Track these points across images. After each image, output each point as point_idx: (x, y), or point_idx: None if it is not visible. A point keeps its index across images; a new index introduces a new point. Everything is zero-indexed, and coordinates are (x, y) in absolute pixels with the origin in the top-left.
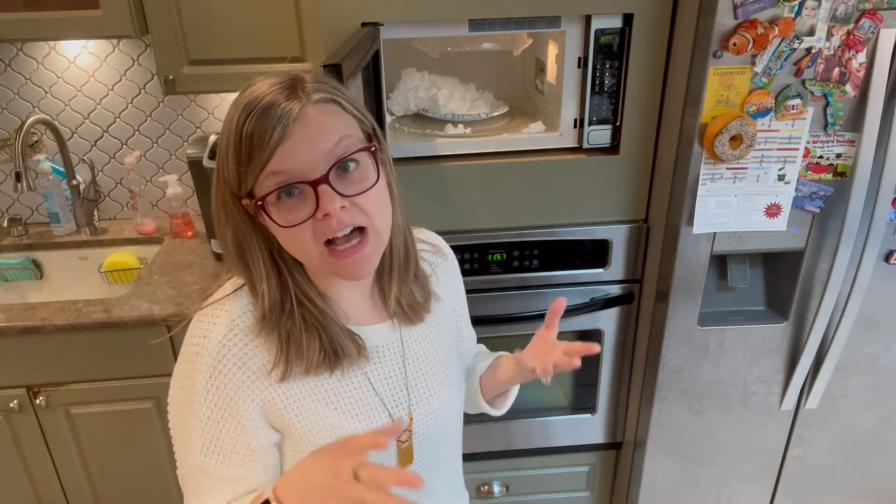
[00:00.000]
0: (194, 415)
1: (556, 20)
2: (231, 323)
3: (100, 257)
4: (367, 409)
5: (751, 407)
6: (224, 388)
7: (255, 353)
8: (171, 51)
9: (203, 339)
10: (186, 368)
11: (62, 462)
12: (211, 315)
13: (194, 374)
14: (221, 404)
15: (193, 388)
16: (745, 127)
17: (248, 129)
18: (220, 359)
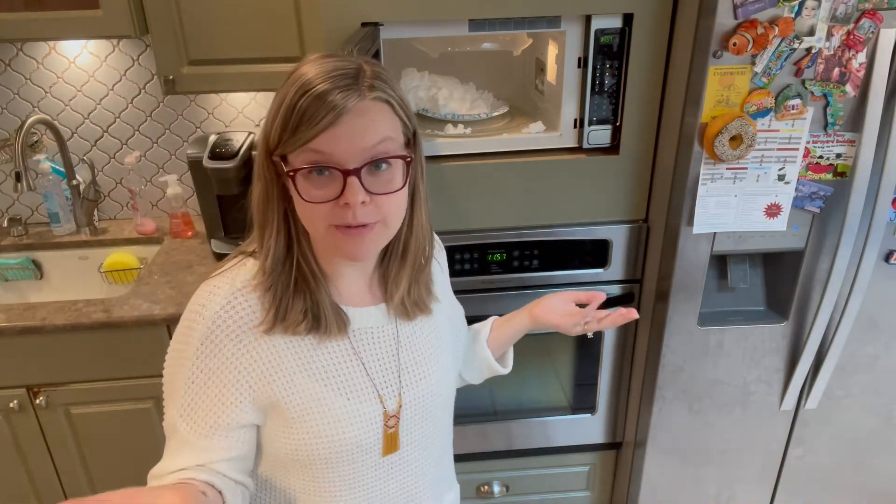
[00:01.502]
0: (181, 376)
1: (556, 20)
2: (230, 294)
3: (100, 257)
4: (357, 388)
5: (751, 407)
6: (213, 358)
7: (251, 317)
8: (171, 51)
9: (202, 307)
10: (183, 332)
11: (62, 462)
12: (213, 285)
13: (188, 339)
14: (207, 372)
15: (185, 352)
16: (745, 127)
17: (302, 105)
18: (214, 329)
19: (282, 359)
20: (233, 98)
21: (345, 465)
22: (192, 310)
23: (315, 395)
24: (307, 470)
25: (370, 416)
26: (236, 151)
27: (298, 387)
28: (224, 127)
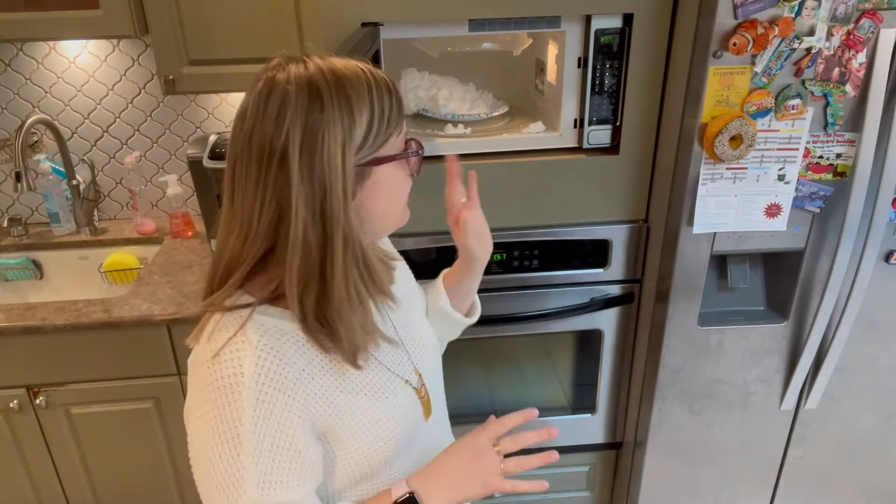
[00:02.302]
0: (243, 454)
1: (556, 20)
2: (257, 350)
3: (100, 257)
4: (388, 387)
5: (751, 407)
6: (271, 416)
7: (287, 360)
8: (171, 51)
9: (235, 377)
10: (221, 413)
11: (62, 462)
12: (230, 354)
13: (236, 414)
14: (271, 433)
15: (238, 429)
16: (745, 127)
17: (396, 97)
18: (261, 388)
19: (323, 385)
20: (233, 98)
21: (407, 450)
22: (223, 385)
23: (358, 408)
24: (377, 474)
25: (407, 402)
26: None
27: (343, 406)
28: (224, 127)
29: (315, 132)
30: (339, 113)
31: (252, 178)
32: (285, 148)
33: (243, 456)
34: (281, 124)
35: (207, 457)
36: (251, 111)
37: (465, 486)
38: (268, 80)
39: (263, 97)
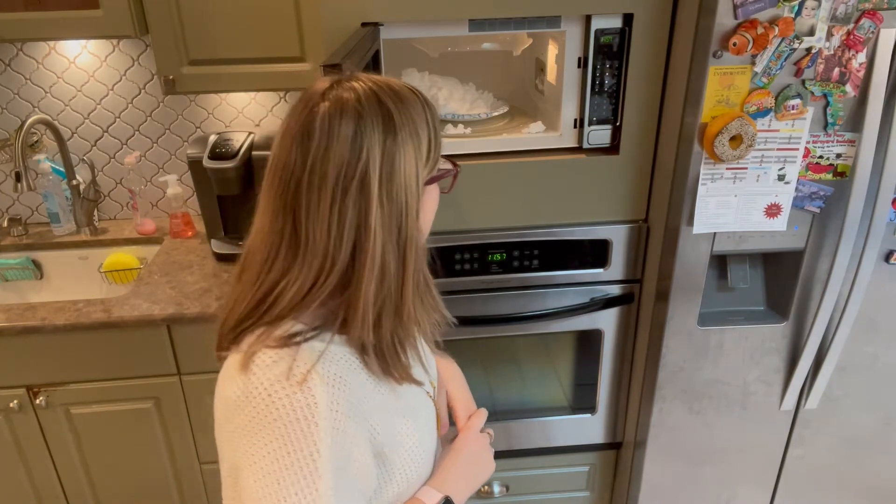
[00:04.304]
0: (322, 486)
1: (556, 20)
2: (325, 378)
3: (100, 257)
4: (421, 405)
5: (751, 407)
6: (344, 445)
7: (352, 385)
8: (171, 51)
9: (309, 407)
10: (297, 445)
11: (62, 462)
12: (299, 385)
13: (314, 446)
14: (345, 462)
15: (316, 461)
16: (745, 127)
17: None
18: (335, 416)
19: (378, 410)
20: (233, 98)
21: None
22: (295, 417)
23: (403, 430)
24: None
25: (429, 416)
26: (236, 151)
27: (392, 430)
28: (224, 127)
29: (392, 153)
30: (409, 132)
31: (326, 203)
32: (365, 171)
33: (322, 488)
34: (358, 147)
35: (278, 494)
36: (320, 133)
37: (481, 477)
38: (335, 101)
39: (335, 118)
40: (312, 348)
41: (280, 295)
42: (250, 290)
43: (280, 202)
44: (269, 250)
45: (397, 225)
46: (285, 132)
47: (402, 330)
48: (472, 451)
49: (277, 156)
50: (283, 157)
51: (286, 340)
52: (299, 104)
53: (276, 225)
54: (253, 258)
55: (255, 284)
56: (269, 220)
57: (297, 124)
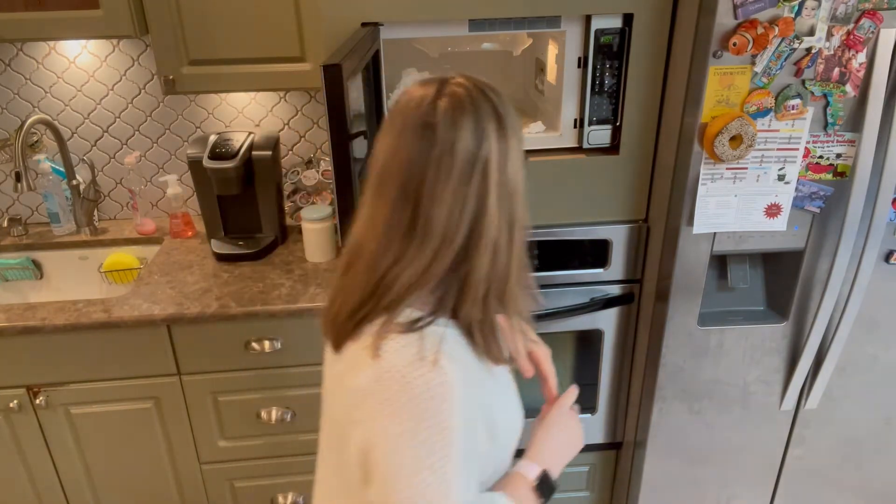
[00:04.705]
0: (454, 458)
1: (556, 20)
2: (451, 358)
3: (100, 257)
4: (510, 384)
5: (751, 407)
6: (468, 421)
7: (468, 369)
8: (171, 51)
9: (443, 385)
10: (435, 422)
11: (62, 462)
12: (433, 365)
13: (449, 421)
14: (470, 436)
15: (451, 435)
16: (745, 127)
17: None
18: (462, 394)
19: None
20: (233, 98)
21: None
22: (432, 395)
23: (500, 408)
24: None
25: (516, 395)
26: (236, 151)
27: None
28: (224, 127)
29: (504, 142)
30: (511, 123)
31: (450, 190)
32: (486, 159)
33: (453, 462)
34: (479, 137)
35: (413, 468)
36: (444, 126)
37: (573, 451)
38: (453, 97)
39: (458, 112)
40: (434, 332)
41: (396, 278)
42: (363, 279)
43: (401, 192)
44: (384, 239)
45: (508, 208)
46: (403, 129)
47: (502, 309)
48: (565, 426)
49: (397, 151)
50: (405, 151)
51: (409, 326)
52: (410, 103)
53: (395, 214)
54: (363, 249)
55: (369, 272)
56: (387, 211)
57: (418, 120)
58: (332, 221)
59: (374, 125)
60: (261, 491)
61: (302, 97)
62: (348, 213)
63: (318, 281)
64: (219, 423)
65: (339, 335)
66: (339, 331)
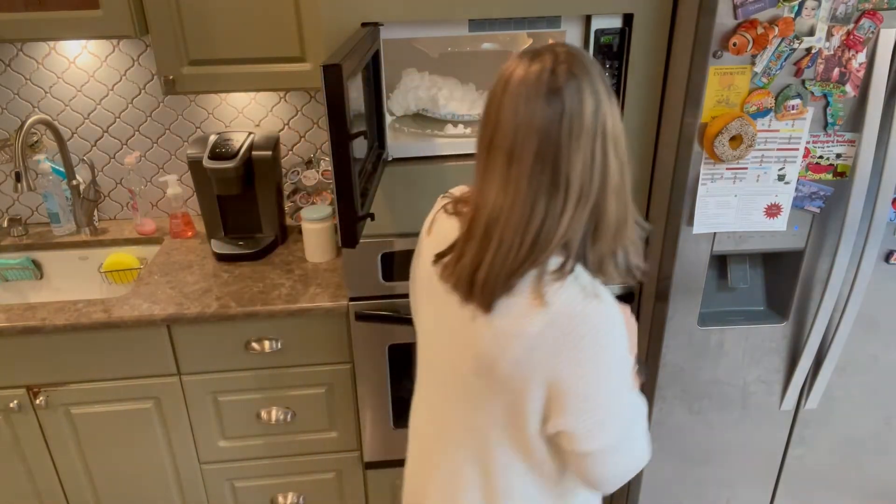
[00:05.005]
0: (629, 372)
1: (556, 20)
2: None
3: (100, 257)
4: None
5: (751, 407)
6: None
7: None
8: (171, 51)
9: (609, 314)
10: (613, 347)
11: (62, 462)
12: (603, 301)
13: (622, 342)
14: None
15: (625, 355)
16: (745, 127)
17: None
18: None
19: None
20: (233, 98)
21: None
22: (605, 323)
23: None
24: None
25: None
26: (236, 151)
27: None
28: (224, 127)
29: (612, 100)
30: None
31: (582, 148)
32: (605, 116)
33: (624, 369)
34: (597, 99)
35: (615, 387)
36: (569, 92)
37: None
38: (569, 64)
39: (578, 79)
40: (581, 272)
41: (551, 234)
42: (516, 241)
43: (537, 157)
44: (528, 201)
45: (622, 158)
46: (529, 98)
47: (621, 243)
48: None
49: (530, 120)
50: (538, 119)
51: (562, 272)
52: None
53: (535, 177)
54: (503, 214)
55: (520, 234)
56: (525, 176)
57: (544, 88)
58: (332, 221)
59: (374, 125)
60: (261, 491)
61: (302, 97)
62: (348, 213)
63: (318, 281)
64: (219, 423)
65: (490, 295)
66: (491, 291)
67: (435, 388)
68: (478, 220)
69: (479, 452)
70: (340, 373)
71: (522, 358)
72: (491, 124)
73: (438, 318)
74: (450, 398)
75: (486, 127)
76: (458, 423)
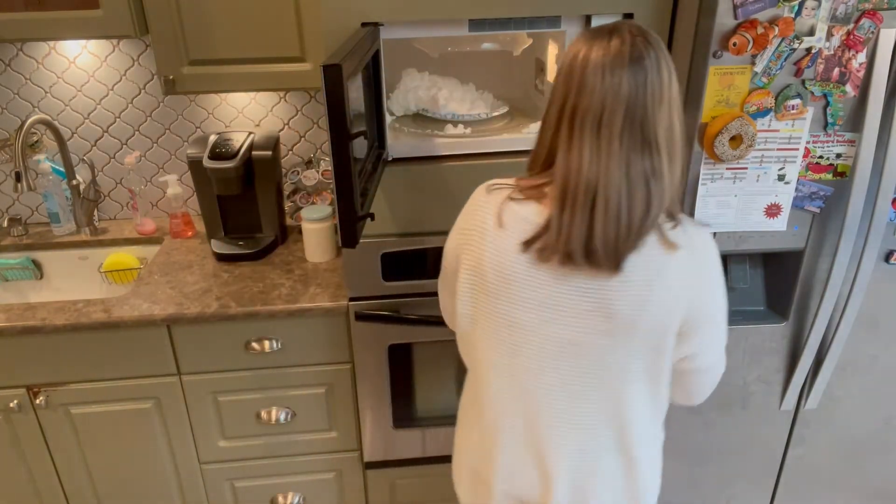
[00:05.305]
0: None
1: (556, 20)
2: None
3: (100, 257)
4: None
5: (751, 407)
6: None
7: None
8: (171, 51)
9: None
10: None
11: (62, 462)
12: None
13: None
14: None
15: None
16: (745, 127)
17: None
18: None
19: None
20: (233, 98)
21: None
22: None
23: None
24: None
25: None
26: (236, 151)
27: None
28: (224, 127)
29: (672, 65)
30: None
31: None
32: (675, 85)
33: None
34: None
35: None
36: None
37: None
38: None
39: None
40: (681, 216)
41: (660, 193)
42: (623, 205)
43: (627, 123)
44: (622, 167)
45: (681, 119)
46: (614, 69)
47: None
48: None
49: (618, 89)
50: (626, 87)
51: (674, 219)
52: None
53: (625, 143)
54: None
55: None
56: (616, 142)
57: (628, 59)
58: (332, 221)
59: (374, 125)
60: (261, 491)
61: (302, 97)
62: (348, 213)
63: (318, 281)
64: (219, 423)
65: (619, 257)
66: (617, 252)
67: (548, 371)
68: (572, 190)
69: (614, 410)
70: (340, 373)
71: (666, 299)
72: (573, 97)
73: (548, 301)
74: (578, 370)
75: (565, 101)
76: (591, 391)
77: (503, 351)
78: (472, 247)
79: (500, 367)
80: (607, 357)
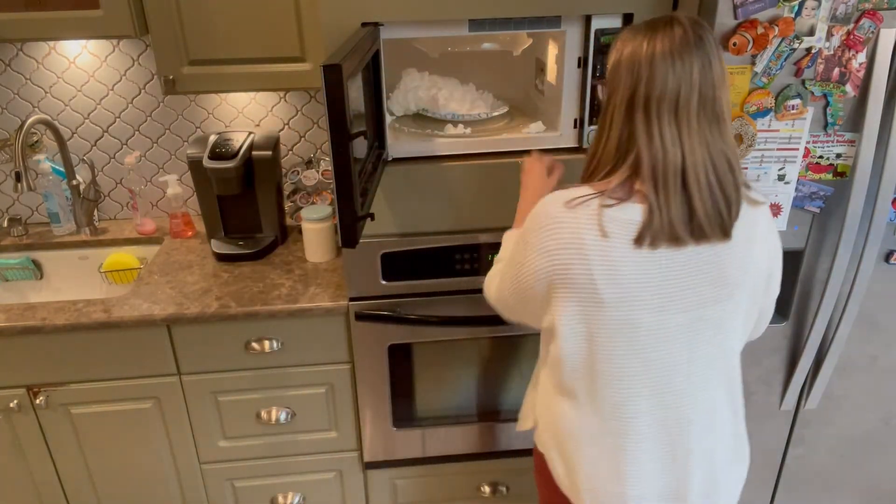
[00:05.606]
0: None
1: (556, 20)
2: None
3: (100, 257)
4: None
5: (751, 407)
6: None
7: None
8: (171, 51)
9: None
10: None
11: (62, 462)
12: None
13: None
14: None
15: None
16: (745, 127)
17: None
18: None
19: None
20: (233, 98)
21: None
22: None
23: None
24: None
25: None
26: (236, 151)
27: None
28: (224, 127)
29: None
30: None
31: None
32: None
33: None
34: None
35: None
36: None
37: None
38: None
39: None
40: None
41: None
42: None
43: (700, 103)
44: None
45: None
46: (682, 52)
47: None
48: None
49: (687, 73)
50: (696, 71)
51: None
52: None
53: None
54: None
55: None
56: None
57: (692, 43)
58: (331, 221)
59: (374, 125)
60: (261, 491)
61: (302, 97)
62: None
63: (318, 281)
64: (219, 423)
65: (728, 226)
66: (725, 222)
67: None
68: (661, 174)
69: (727, 375)
70: (340, 373)
71: (762, 252)
72: (644, 86)
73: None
74: (703, 347)
75: (635, 91)
76: (715, 361)
77: (630, 355)
78: (571, 267)
79: (631, 370)
80: (725, 324)
